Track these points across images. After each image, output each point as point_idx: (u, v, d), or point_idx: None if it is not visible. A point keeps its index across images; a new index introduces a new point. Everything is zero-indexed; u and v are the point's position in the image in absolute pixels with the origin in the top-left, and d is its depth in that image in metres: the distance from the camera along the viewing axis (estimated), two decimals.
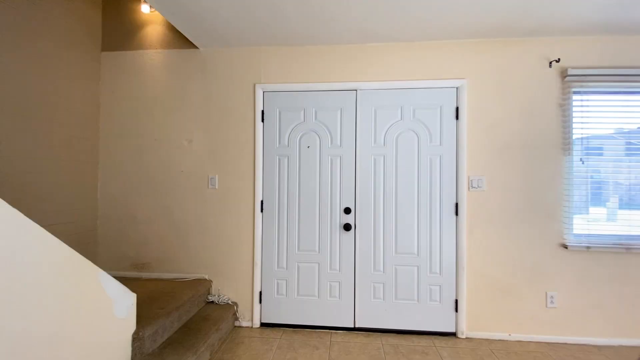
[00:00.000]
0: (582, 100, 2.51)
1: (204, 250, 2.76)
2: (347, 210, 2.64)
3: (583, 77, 2.45)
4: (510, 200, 2.52)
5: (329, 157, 2.66)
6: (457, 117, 2.55)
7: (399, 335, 2.57)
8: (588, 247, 2.42)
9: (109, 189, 2.84)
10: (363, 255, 2.63)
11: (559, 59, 2.44)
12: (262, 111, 2.71)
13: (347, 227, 2.61)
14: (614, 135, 2.57)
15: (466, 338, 2.52)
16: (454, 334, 2.55)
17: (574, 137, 2.51)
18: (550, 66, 2.49)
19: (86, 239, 2.73)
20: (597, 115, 2.52)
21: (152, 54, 2.82)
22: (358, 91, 2.64)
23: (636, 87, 2.46)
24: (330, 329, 2.65)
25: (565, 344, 2.45)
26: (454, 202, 2.55)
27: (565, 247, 2.45)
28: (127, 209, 2.82)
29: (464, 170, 2.52)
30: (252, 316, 2.70)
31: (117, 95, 2.85)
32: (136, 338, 1.82)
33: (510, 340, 2.49)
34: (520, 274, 2.51)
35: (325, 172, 2.66)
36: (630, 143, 2.56)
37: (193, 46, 2.77)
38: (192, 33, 2.48)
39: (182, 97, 2.79)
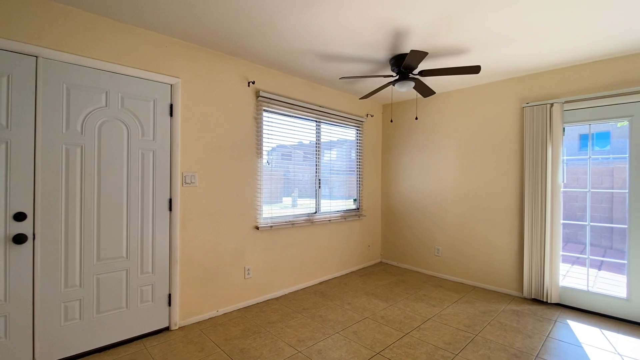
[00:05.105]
0: (270, 117, 3.33)
1: None
2: (20, 217, 1.96)
3: (269, 100, 3.25)
4: (219, 194, 2.90)
5: None
6: (171, 114, 2.59)
7: (104, 352, 2.25)
8: (271, 226, 3.27)
9: None
10: (48, 272, 2.06)
11: (254, 82, 3.10)
12: None
13: (19, 239, 1.94)
14: (297, 145, 3.64)
15: (179, 328, 2.62)
16: (167, 329, 2.58)
17: (265, 144, 3.28)
18: (248, 85, 3.10)
19: None
20: (284, 130, 3.45)
21: None
22: (40, 58, 2.02)
23: (302, 115, 3.60)
24: None
25: (258, 303, 3.18)
26: (168, 197, 2.58)
27: (257, 228, 3.17)
28: None
29: (177, 166, 2.60)
30: None
31: None
32: None
33: (218, 316, 2.87)
34: (226, 256, 2.95)
35: None
36: (305, 152, 3.73)
37: None
38: None
39: None
